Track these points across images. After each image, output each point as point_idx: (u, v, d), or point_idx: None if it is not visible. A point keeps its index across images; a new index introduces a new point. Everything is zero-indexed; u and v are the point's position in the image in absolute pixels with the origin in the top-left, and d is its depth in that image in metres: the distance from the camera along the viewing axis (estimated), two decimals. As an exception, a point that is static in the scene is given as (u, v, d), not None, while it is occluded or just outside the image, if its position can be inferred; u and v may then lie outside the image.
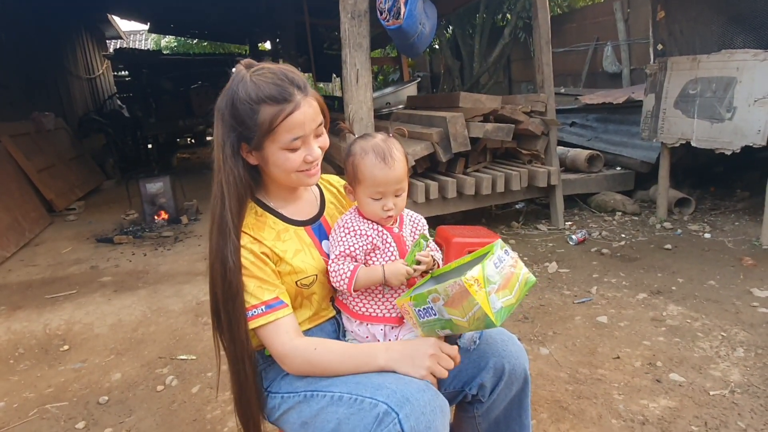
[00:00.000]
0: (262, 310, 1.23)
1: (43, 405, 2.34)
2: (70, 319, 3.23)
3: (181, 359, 2.66)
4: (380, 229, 1.35)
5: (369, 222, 1.35)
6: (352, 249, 1.30)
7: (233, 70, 1.27)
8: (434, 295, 1.13)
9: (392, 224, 1.37)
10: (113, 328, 3.09)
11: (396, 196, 1.32)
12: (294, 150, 1.24)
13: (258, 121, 1.20)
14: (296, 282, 1.31)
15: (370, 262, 1.33)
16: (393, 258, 1.33)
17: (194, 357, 2.67)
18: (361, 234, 1.32)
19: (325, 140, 1.31)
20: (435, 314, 1.16)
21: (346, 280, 1.27)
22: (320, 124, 1.27)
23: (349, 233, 1.32)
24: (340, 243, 1.32)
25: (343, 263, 1.30)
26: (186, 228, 5.20)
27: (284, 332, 1.24)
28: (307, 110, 1.22)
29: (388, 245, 1.34)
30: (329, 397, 1.20)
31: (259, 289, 1.24)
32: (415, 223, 1.44)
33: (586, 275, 3.42)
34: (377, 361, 1.20)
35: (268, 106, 1.19)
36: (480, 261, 1.13)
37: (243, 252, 1.24)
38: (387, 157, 1.29)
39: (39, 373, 2.62)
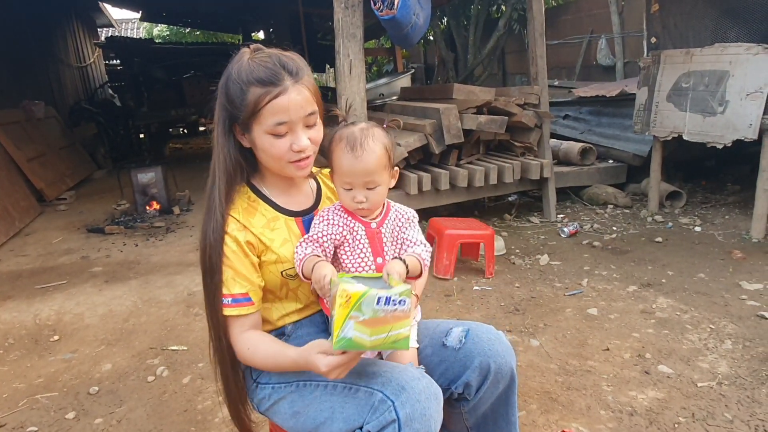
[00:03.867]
0: (228, 301, 1.26)
1: (33, 395, 2.33)
2: (60, 310, 3.22)
3: (172, 350, 2.65)
4: (354, 223, 1.31)
5: (345, 215, 1.32)
6: (319, 235, 1.28)
7: (241, 51, 1.27)
8: (333, 290, 1.10)
9: (371, 219, 1.33)
10: (104, 318, 3.08)
11: (368, 188, 1.27)
12: (279, 136, 1.23)
13: (246, 102, 1.20)
14: (281, 272, 1.31)
15: (340, 253, 1.30)
16: (363, 255, 1.30)
17: (185, 348, 2.66)
18: (333, 224, 1.30)
19: (317, 132, 1.28)
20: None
21: (298, 262, 1.26)
22: (311, 114, 1.24)
23: (322, 221, 1.31)
24: (312, 228, 1.31)
25: (305, 245, 1.27)
26: (178, 218, 5.17)
27: (239, 325, 1.28)
28: (295, 96, 1.20)
29: (357, 241, 1.30)
30: (323, 386, 1.21)
31: (231, 280, 1.26)
32: (400, 217, 1.37)
33: (577, 267, 3.43)
34: (302, 369, 1.22)
35: (256, 88, 1.19)
36: (377, 286, 1.07)
37: (227, 239, 1.26)
38: (356, 148, 1.24)
39: (29, 364, 2.61)
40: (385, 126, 1.35)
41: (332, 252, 1.30)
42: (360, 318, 1.02)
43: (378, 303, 1.02)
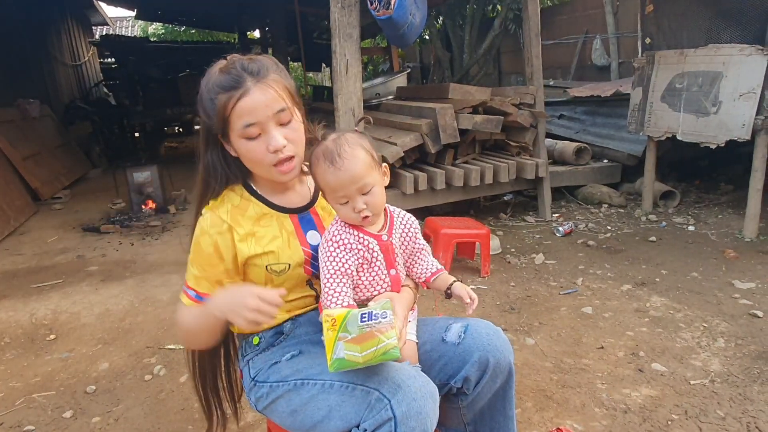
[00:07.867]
0: (192, 294, 1.30)
1: (30, 394, 2.33)
2: (56, 309, 3.21)
3: (169, 349, 2.66)
4: (367, 240, 1.29)
5: (355, 233, 1.29)
6: (347, 266, 1.26)
7: (215, 63, 1.29)
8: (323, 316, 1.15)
9: (380, 230, 1.32)
10: (100, 317, 3.08)
11: (363, 194, 1.24)
12: (252, 138, 1.23)
13: (216, 111, 1.23)
14: (267, 266, 1.32)
15: (359, 275, 1.31)
16: (378, 269, 1.32)
17: (182, 347, 2.67)
18: (351, 249, 1.28)
19: (294, 131, 1.26)
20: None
21: (331, 304, 1.24)
22: (281, 111, 1.23)
23: (338, 247, 1.27)
24: (333, 260, 1.26)
25: (340, 283, 1.24)
26: (174, 217, 5.17)
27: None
28: (258, 96, 1.21)
29: (374, 260, 1.31)
30: (320, 385, 1.22)
31: (197, 278, 1.30)
32: (406, 227, 1.38)
33: (572, 267, 3.46)
34: (214, 313, 1.24)
35: (222, 95, 1.22)
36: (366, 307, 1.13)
37: (205, 238, 1.28)
38: (335, 159, 1.22)
39: (25, 363, 2.61)
40: (356, 129, 1.33)
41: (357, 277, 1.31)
42: (348, 337, 1.09)
43: (362, 320, 1.09)
